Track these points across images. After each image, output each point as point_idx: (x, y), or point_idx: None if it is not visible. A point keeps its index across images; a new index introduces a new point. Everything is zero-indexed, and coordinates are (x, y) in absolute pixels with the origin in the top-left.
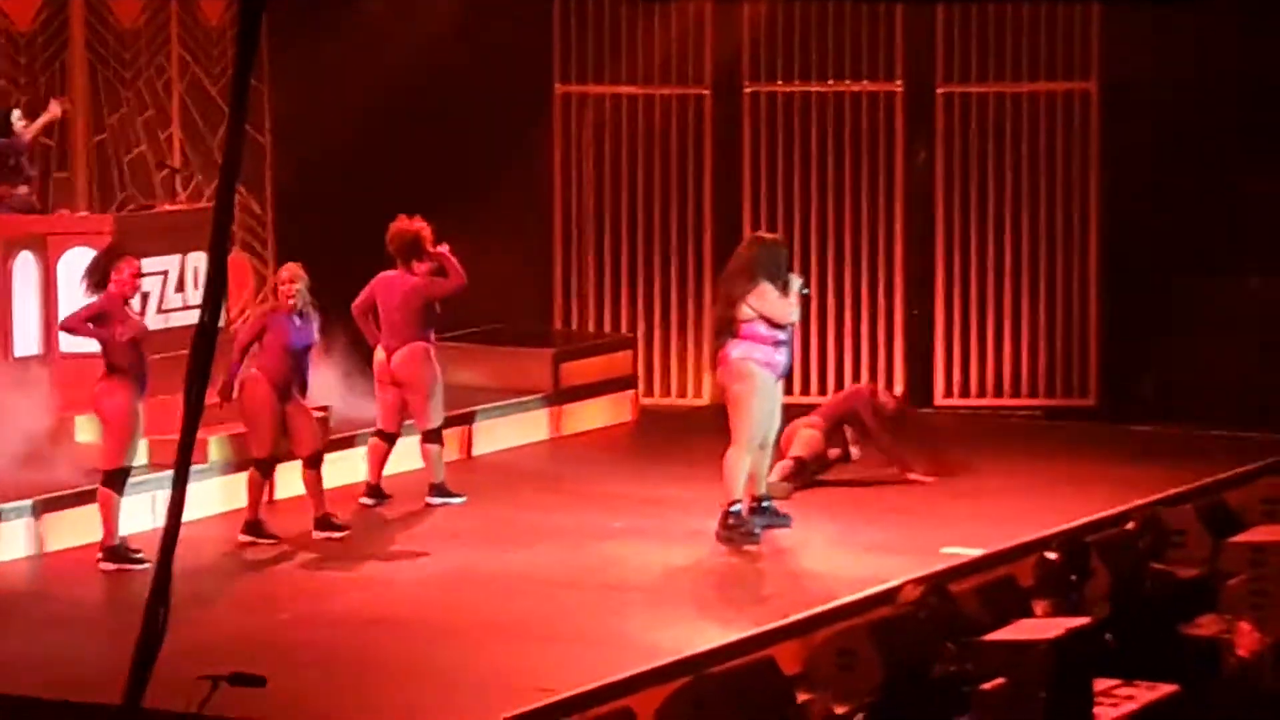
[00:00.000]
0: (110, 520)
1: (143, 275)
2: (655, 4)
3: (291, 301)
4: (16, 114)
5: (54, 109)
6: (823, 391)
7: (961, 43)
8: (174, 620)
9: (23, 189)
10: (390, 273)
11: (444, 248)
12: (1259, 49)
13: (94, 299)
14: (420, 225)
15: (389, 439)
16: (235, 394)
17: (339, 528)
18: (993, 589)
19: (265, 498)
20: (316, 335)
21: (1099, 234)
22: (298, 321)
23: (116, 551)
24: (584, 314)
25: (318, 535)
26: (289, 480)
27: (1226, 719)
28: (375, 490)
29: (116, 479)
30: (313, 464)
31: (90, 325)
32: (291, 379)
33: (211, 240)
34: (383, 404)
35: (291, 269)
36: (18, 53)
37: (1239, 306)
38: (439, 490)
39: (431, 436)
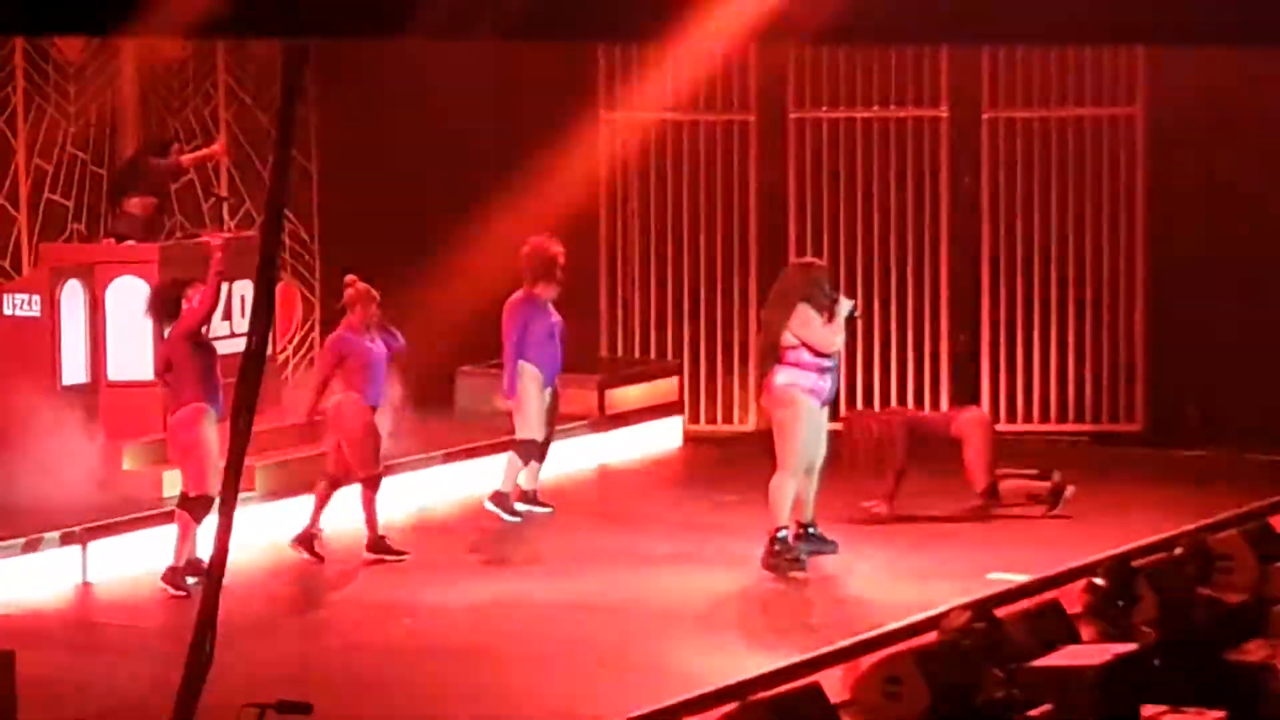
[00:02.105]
0: (183, 544)
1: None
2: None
3: (371, 322)
4: (177, 145)
5: (215, 147)
6: None
7: (1007, 68)
8: (221, 647)
9: (137, 206)
10: (517, 295)
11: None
12: None
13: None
14: (558, 249)
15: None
16: (330, 416)
17: (397, 552)
18: (1039, 615)
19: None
20: (384, 349)
21: (1145, 259)
22: (369, 339)
23: (175, 574)
24: (629, 340)
25: (369, 556)
26: (335, 514)
27: None
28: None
29: (196, 505)
30: (373, 485)
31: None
32: (379, 396)
33: (259, 266)
34: None
35: (365, 287)
36: (67, 82)
37: None
38: (498, 500)
39: (515, 445)
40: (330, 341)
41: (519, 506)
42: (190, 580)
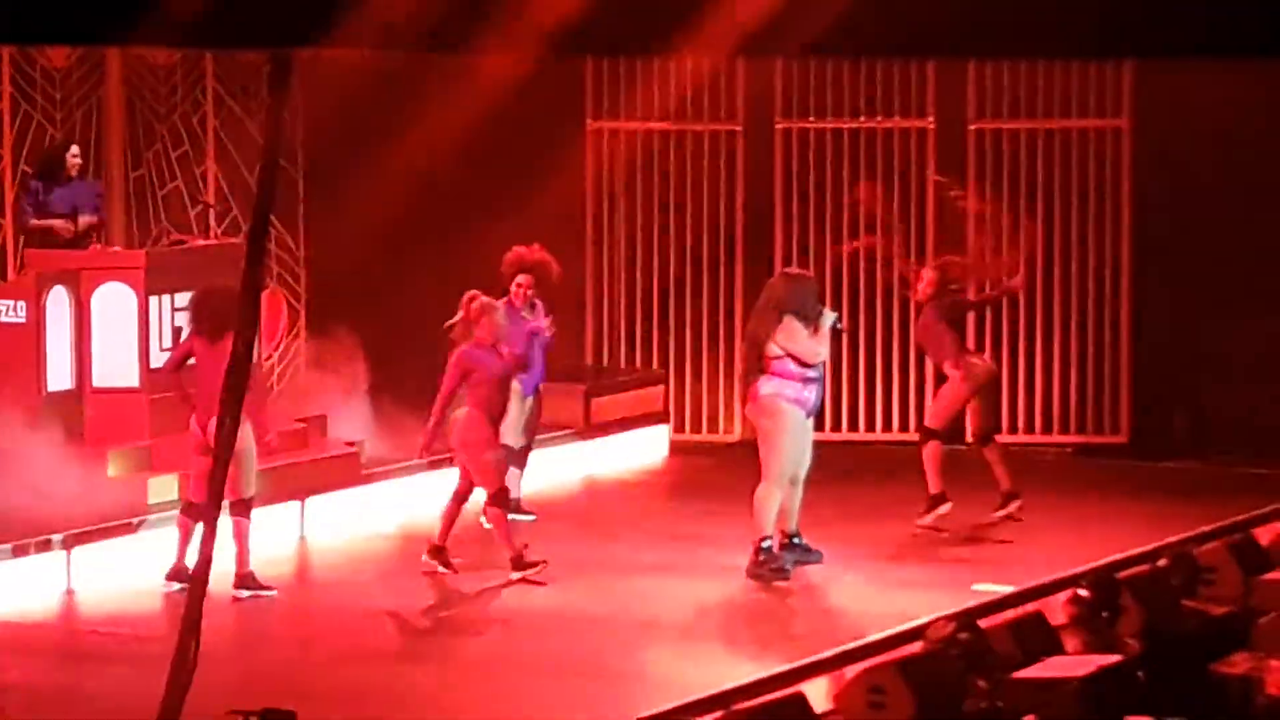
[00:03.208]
0: (242, 547)
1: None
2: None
3: (496, 336)
4: (74, 150)
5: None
6: (854, 428)
7: (994, 79)
8: (207, 654)
9: (63, 223)
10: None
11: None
12: None
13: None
14: (524, 251)
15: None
16: (451, 433)
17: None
18: (1024, 626)
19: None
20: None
21: (1131, 270)
22: (495, 354)
23: (250, 579)
24: (615, 350)
25: (515, 576)
26: (322, 520)
27: None
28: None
29: (244, 507)
30: (495, 501)
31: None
32: (503, 410)
33: (245, 273)
34: None
35: (487, 301)
36: (54, 88)
37: (1270, 343)
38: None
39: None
40: (457, 357)
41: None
42: (176, 586)
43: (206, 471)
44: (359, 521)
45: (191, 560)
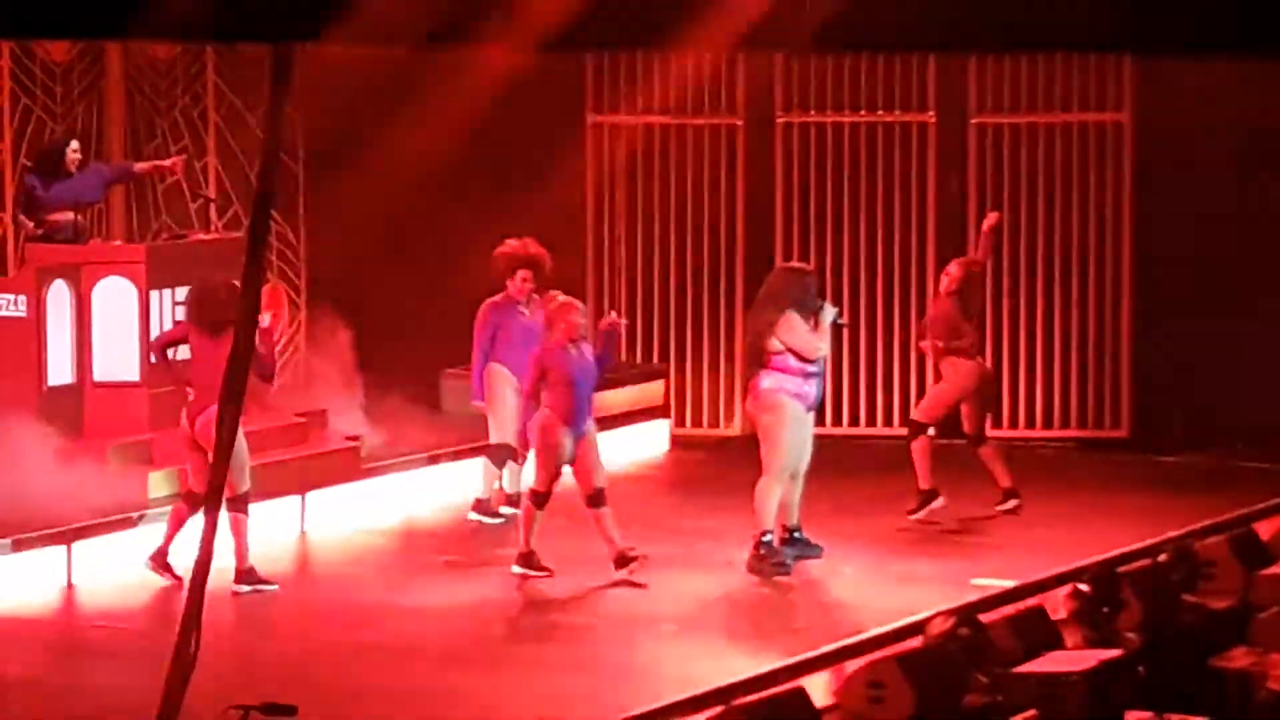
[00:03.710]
0: (240, 542)
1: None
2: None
3: (574, 334)
4: (74, 145)
5: (175, 163)
6: (855, 423)
7: (995, 74)
8: (207, 649)
9: (71, 215)
10: (490, 299)
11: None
12: None
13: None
14: (516, 247)
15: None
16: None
17: (632, 559)
18: (1024, 620)
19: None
20: (594, 362)
21: (1132, 264)
22: (574, 352)
23: (251, 574)
24: None
25: (617, 575)
26: (323, 515)
27: None
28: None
29: (240, 502)
30: (594, 503)
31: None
32: (581, 412)
33: (246, 267)
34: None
35: (566, 300)
36: (54, 82)
37: (1271, 337)
38: (479, 508)
39: (487, 450)
40: (535, 356)
41: (503, 510)
42: (153, 569)
43: (197, 466)
44: (359, 516)
45: (178, 549)
